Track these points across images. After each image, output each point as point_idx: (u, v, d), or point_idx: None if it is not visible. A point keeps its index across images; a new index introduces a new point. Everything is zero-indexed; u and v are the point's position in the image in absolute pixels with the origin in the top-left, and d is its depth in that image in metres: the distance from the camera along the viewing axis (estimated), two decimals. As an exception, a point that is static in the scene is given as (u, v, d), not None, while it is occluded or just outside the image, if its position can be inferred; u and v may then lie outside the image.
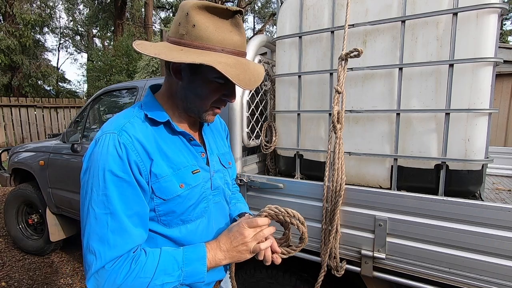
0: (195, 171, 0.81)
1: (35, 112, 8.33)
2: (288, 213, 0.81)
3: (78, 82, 27.83)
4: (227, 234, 0.79)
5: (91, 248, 0.64)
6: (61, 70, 19.97)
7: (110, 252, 0.64)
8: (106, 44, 18.51)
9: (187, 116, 0.83)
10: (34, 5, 13.58)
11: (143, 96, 0.83)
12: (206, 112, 0.80)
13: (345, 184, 1.24)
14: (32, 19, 11.60)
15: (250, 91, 1.58)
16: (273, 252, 0.82)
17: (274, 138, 1.68)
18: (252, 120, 1.67)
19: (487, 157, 1.23)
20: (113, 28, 15.49)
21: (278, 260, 0.83)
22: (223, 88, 0.78)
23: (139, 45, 0.74)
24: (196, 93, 0.76)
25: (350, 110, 1.40)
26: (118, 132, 0.70)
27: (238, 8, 0.72)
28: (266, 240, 0.80)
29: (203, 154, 0.86)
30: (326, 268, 1.26)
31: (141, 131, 0.73)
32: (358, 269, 1.28)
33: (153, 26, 16.36)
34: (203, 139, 0.91)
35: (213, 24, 0.71)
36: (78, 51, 21.09)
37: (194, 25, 0.70)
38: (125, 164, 0.68)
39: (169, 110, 0.81)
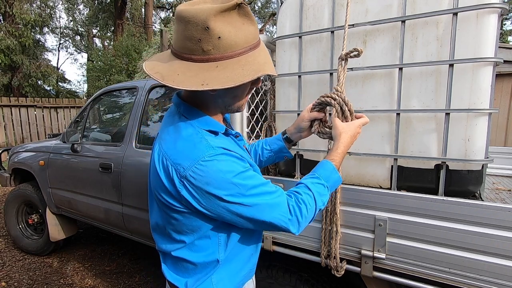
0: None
1: (35, 112, 8.32)
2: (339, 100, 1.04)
3: (78, 82, 27.71)
4: (347, 136, 0.97)
5: (273, 219, 0.80)
6: (61, 70, 19.98)
7: (282, 209, 0.81)
8: (106, 44, 18.50)
9: (222, 116, 0.92)
10: (34, 5, 13.58)
11: (185, 112, 0.84)
12: (243, 104, 0.89)
13: (346, 184, 1.24)
14: (32, 19, 11.60)
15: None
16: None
17: (274, 138, 1.68)
18: (252, 120, 1.67)
19: (487, 157, 1.23)
20: (113, 28, 15.49)
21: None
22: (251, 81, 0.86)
23: (162, 77, 0.73)
24: (234, 96, 0.83)
25: (350, 110, 1.40)
26: (214, 149, 0.76)
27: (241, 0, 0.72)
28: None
29: (244, 146, 0.99)
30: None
31: (219, 142, 0.80)
32: (358, 269, 1.29)
33: (153, 26, 16.36)
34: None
35: (231, 25, 0.70)
36: (78, 51, 21.08)
37: (219, 37, 0.69)
38: (241, 159, 0.80)
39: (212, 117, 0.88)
